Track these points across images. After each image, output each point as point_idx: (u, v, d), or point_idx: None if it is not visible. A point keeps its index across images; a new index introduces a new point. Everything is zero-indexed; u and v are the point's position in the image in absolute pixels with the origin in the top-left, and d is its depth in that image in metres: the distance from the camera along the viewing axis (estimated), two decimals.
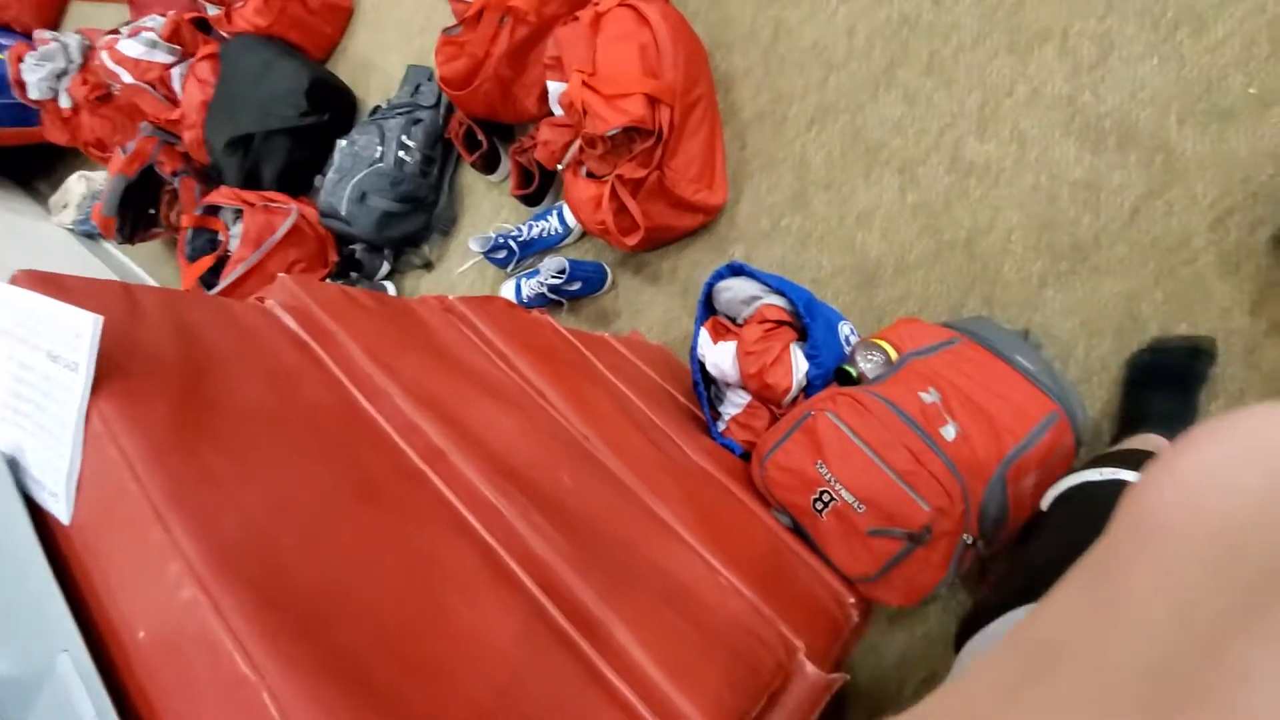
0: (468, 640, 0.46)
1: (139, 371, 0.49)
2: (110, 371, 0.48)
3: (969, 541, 0.88)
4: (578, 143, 1.32)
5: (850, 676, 1.21)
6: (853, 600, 0.88)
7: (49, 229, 2.62)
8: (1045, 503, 0.63)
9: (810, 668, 0.67)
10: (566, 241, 1.62)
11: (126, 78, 2.00)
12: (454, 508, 0.59)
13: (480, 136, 1.62)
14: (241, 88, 1.80)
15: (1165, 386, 0.95)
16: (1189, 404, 0.93)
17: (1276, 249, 0.88)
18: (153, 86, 2.01)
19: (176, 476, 0.43)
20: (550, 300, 1.59)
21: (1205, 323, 0.95)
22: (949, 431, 0.88)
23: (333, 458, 0.54)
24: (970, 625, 0.52)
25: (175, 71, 2.00)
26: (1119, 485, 0.56)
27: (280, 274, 0.73)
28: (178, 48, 2.00)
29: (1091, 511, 0.56)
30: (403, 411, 0.64)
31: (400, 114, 1.74)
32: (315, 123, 1.83)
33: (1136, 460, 0.63)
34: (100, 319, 0.46)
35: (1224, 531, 0.11)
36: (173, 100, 2.01)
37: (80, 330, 0.47)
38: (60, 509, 0.47)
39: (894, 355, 1.02)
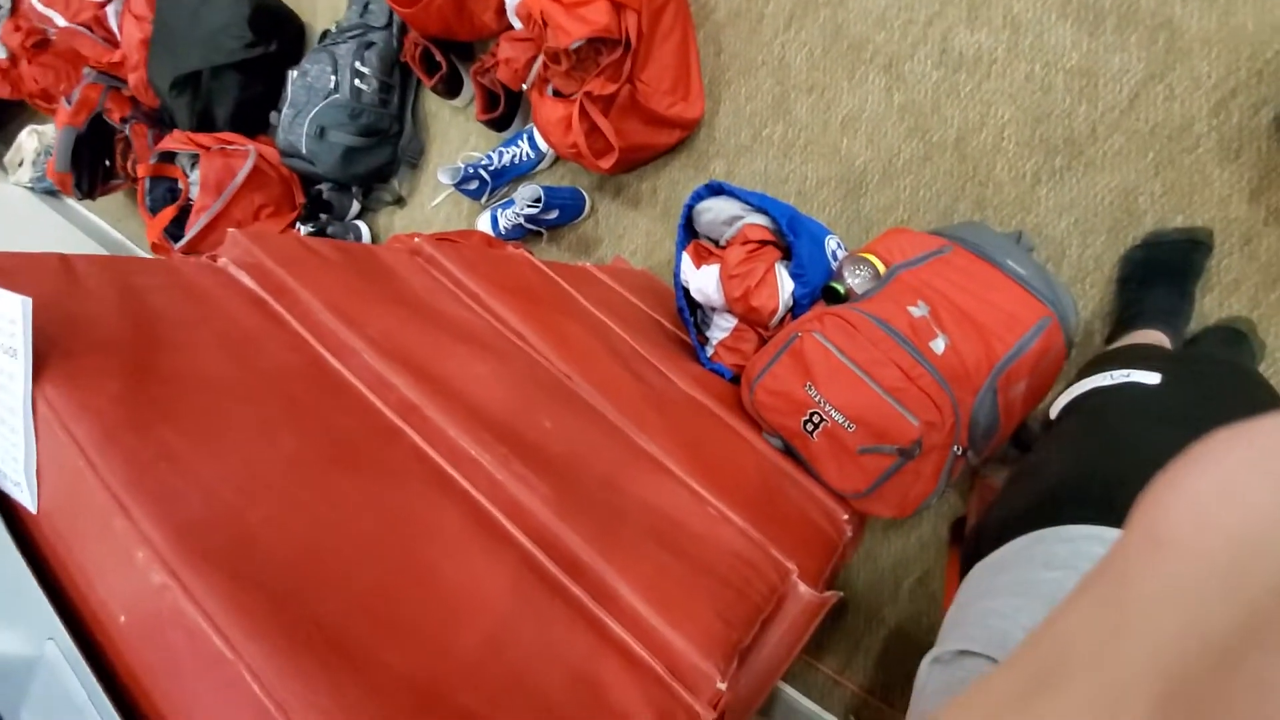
0: (453, 595, 0.46)
1: (82, 350, 0.47)
2: (51, 353, 0.45)
3: (959, 452, 0.88)
4: (541, 59, 1.23)
5: (846, 588, 1.26)
6: (846, 516, 0.89)
7: (7, 189, 2.51)
8: (1054, 410, 0.62)
9: (803, 588, 0.68)
10: (540, 167, 1.55)
11: (60, 20, 1.85)
12: (433, 462, 0.58)
13: (438, 58, 1.52)
14: (179, 22, 1.67)
15: (1160, 281, 0.93)
16: (1185, 298, 0.91)
17: (1279, 131, 0.84)
18: (88, 28, 1.86)
19: (133, 459, 0.42)
20: (528, 230, 1.53)
21: (1204, 213, 0.92)
22: (938, 345, 0.87)
23: (301, 422, 0.53)
24: (976, 545, 0.51)
25: (110, 10, 1.85)
26: (1130, 388, 0.54)
27: (230, 229, 0.69)
28: None
29: (1100, 421, 0.54)
30: (372, 367, 0.62)
31: (351, 38, 1.62)
32: (263, 54, 1.71)
33: (1140, 356, 0.61)
34: (29, 301, 0.43)
35: (1234, 544, 0.11)
36: (112, 41, 1.87)
37: (13, 315, 0.45)
38: (25, 498, 0.46)
39: (882, 268, 0.99)
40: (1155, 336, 0.87)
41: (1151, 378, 0.54)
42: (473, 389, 0.65)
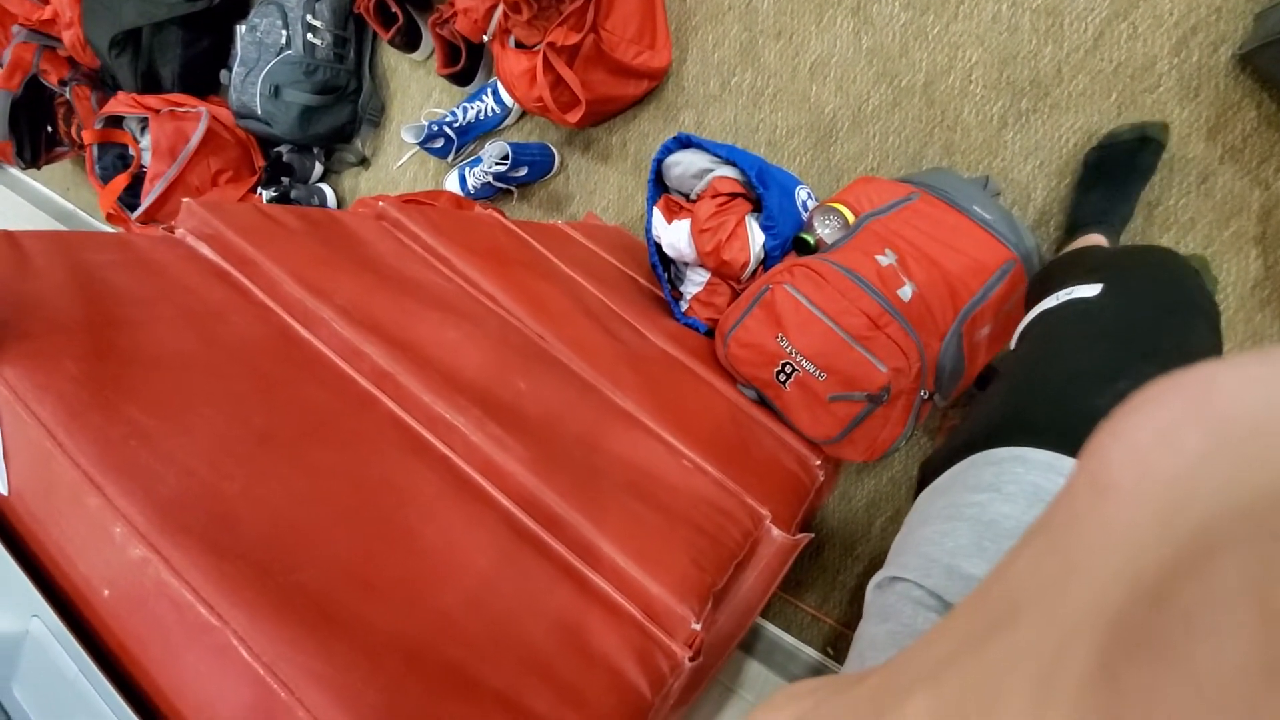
0: (434, 556, 0.48)
1: (37, 331, 0.46)
2: (5, 335, 0.45)
3: (926, 396, 0.91)
4: (500, 8, 1.19)
5: (822, 527, 1.31)
6: (818, 462, 0.92)
7: None
8: (1013, 342, 0.63)
9: (776, 532, 0.71)
10: (507, 123, 1.51)
11: None
12: (409, 428, 0.58)
13: (394, 8, 1.46)
14: None
15: (1102, 183, 0.94)
16: (1124, 199, 0.93)
17: (1237, 68, 0.84)
18: None
19: (101, 438, 0.42)
20: (498, 189, 1.51)
21: (1163, 153, 0.93)
22: (906, 292, 0.88)
23: (271, 394, 0.53)
24: (924, 475, 0.54)
25: None
26: (1072, 305, 0.55)
27: (185, 199, 0.67)
28: None
29: (1042, 345, 0.55)
30: (343, 336, 0.62)
31: None
32: (206, 7, 1.62)
33: (1081, 268, 0.62)
34: None
35: (1168, 488, 0.11)
36: None
37: None
38: None
39: (851, 218, 0.99)
40: (1095, 239, 0.90)
41: (1091, 289, 0.55)
42: (446, 354, 0.65)
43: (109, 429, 0.42)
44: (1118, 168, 0.93)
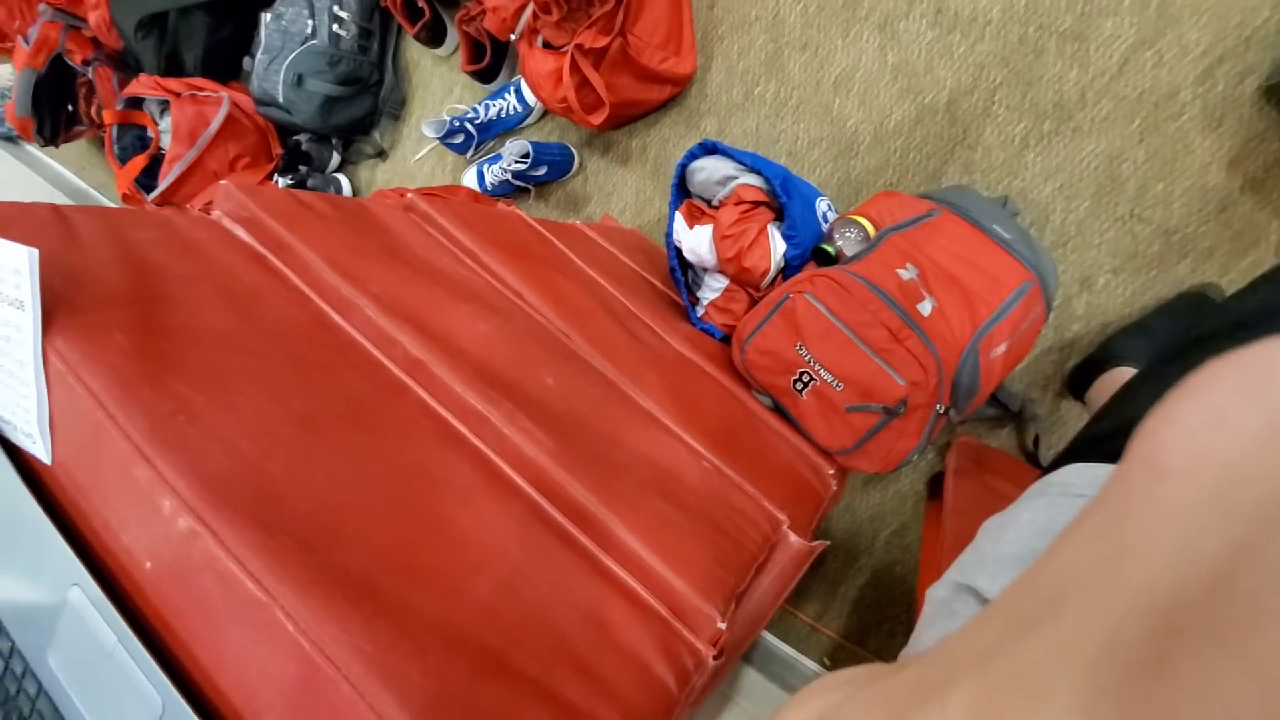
0: (468, 545, 0.48)
1: (88, 304, 0.46)
2: (57, 306, 0.45)
3: (941, 410, 0.92)
4: (530, 8, 1.20)
5: (825, 538, 1.31)
6: (831, 471, 0.93)
7: None
8: None
9: (793, 538, 0.71)
10: (528, 122, 1.52)
11: None
12: (441, 417, 0.59)
13: (421, 3, 1.46)
14: None
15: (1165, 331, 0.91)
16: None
17: (1263, 100, 0.86)
18: None
19: (151, 412, 0.42)
20: (516, 187, 1.51)
21: (1183, 180, 0.94)
22: (926, 307, 0.89)
23: (309, 378, 0.53)
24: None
25: None
26: None
27: (223, 181, 0.67)
28: None
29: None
30: (376, 323, 0.63)
31: None
32: None
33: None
34: (35, 252, 0.43)
35: (1226, 470, 0.11)
36: None
37: (18, 266, 0.44)
38: (39, 450, 0.46)
39: (872, 231, 1.00)
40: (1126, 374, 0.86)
41: None
42: (476, 346, 0.66)
43: (158, 403, 0.43)
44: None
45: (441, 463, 0.54)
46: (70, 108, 1.82)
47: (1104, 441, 0.47)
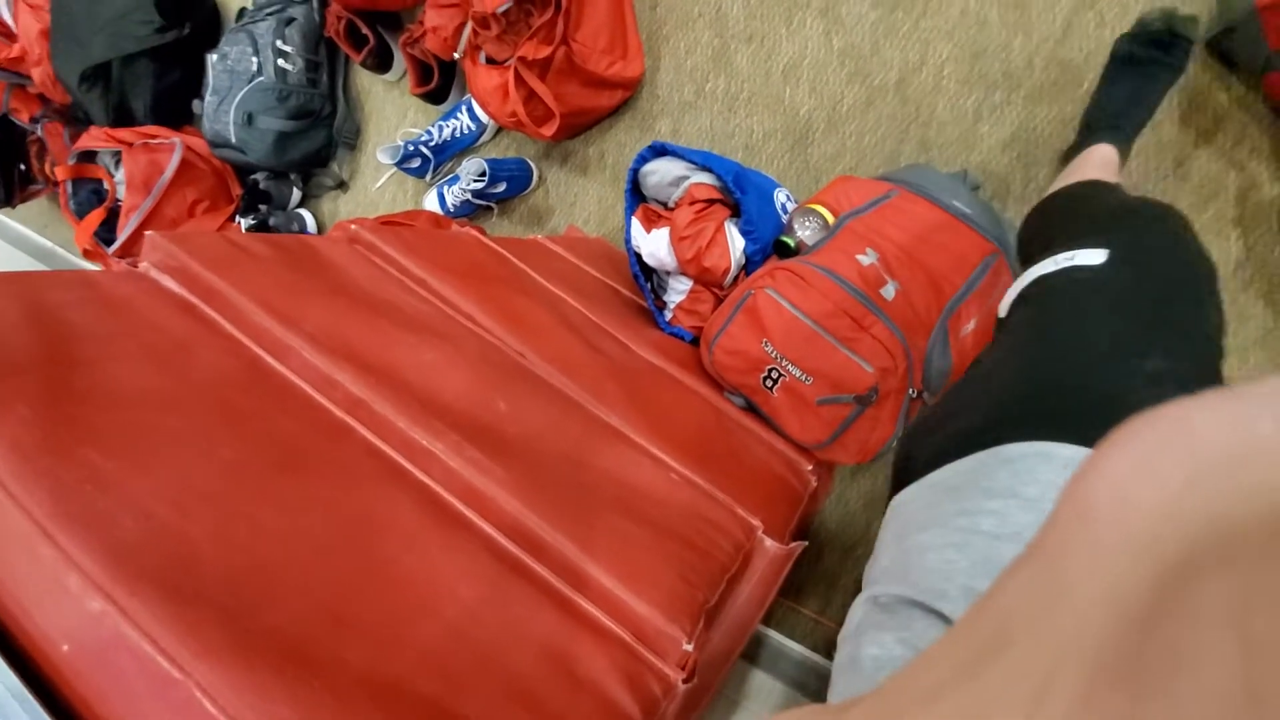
0: (412, 588, 0.46)
1: None
2: None
3: (914, 395, 0.90)
4: (470, 25, 1.18)
5: (820, 531, 1.29)
6: (810, 467, 0.91)
7: None
8: (1003, 308, 0.59)
9: (769, 543, 0.69)
10: (483, 139, 1.50)
11: None
12: (385, 456, 0.57)
13: (364, 30, 1.45)
14: (79, 8, 1.56)
15: (1121, 79, 0.87)
16: (1139, 102, 0.86)
17: (1206, 53, 0.84)
18: None
19: (55, 484, 0.40)
20: (478, 206, 1.50)
21: (1139, 139, 0.92)
22: (889, 291, 0.88)
23: (240, 429, 0.51)
24: (908, 465, 0.49)
25: (1, 0, 1.72)
26: (1074, 272, 0.51)
27: (148, 232, 0.65)
28: None
29: (1044, 317, 0.51)
30: (314, 365, 0.61)
31: (270, 14, 1.53)
32: (176, 38, 1.61)
33: (1085, 225, 0.58)
34: None
35: (1147, 517, 0.11)
36: (8, 35, 1.74)
37: None
38: None
39: (831, 218, 0.99)
40: (1103, 155, 0.84)
41: (1096, 256, 0.51)
42: (422, 377, 0.64)
43: (62, 473, 0.41)
44: (1137, 60, 0.86)
45: (385, 504, 0.52)
46: (23, 167, 1.80)
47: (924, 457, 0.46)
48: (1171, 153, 0.90)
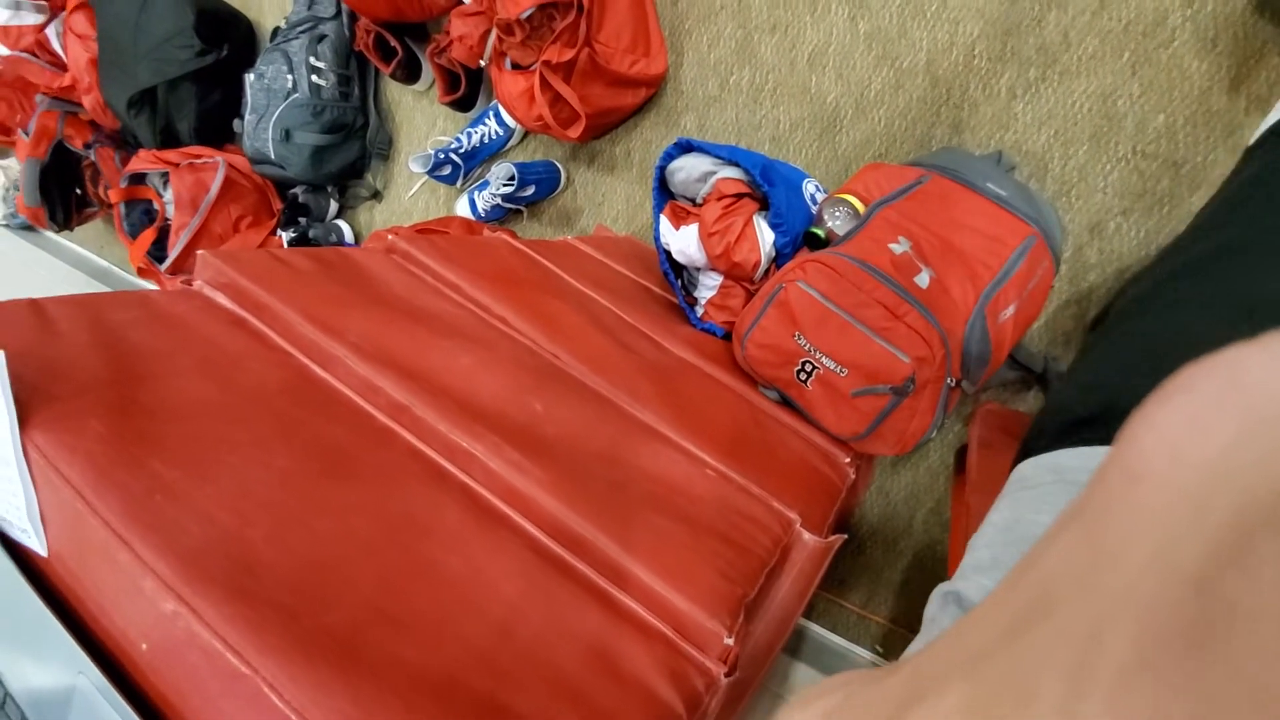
0: (460, 588, 0.48)
1: (64, 394, 0.47)
2: (33, 399, 0.46)
3: (952, 384, 0.88)
4: (494, 32, 1.20)
5: (862, 524, 1.28)
6: (847, 459, 0.90)
7: None
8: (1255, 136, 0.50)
9: (807, 536, 0.69)
10: (511, 144, 1.52)
11: (1, 49, 1.81)
12: (428, 459, 0.59)
13: (392, 43, 1.48)
14: (124, 36, 1.63)
15: None
16: None
17: (1255, 14, 0.81)
18: (32, 54, 1.82)
19: (127, 494, 0.43)
20: (508, 210, 1.52)
21: (1185, 109, 0.89)
22: (923, 279, 0.86)
23: (291, 437, 0.53)
24: (1036, 435, 0.46)
25: (51, 31, 1.81)
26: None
27: (200, 250, 0.69)
28: (44, 3, 1.80)
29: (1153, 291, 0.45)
30: (358, 372, 0.63)
31: (302, 32, 1.58)
32: (216, 60, 1.67)
33: None
34: (2, 353, 0.44)
35: (1201, 473, 0.11)
36: (59, 65, 1.83)
37: None
38: (35, 543, 0.47)
39: (861, 207, 0.97)
40: None
41: None
42: (460, 381, 0.65)
43: (134, 484, 0.43)
44: None
45: (430, 506, 0.54)
46: (79, 191, 1.90)
47: (1058, 427, 0.44)
48: (1222, 121, 0.86)
